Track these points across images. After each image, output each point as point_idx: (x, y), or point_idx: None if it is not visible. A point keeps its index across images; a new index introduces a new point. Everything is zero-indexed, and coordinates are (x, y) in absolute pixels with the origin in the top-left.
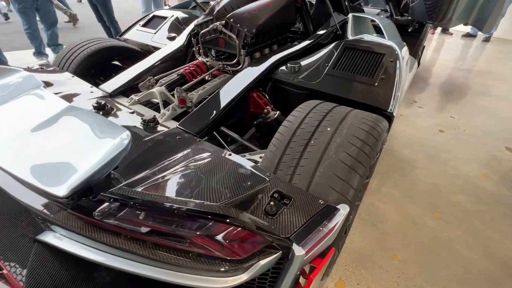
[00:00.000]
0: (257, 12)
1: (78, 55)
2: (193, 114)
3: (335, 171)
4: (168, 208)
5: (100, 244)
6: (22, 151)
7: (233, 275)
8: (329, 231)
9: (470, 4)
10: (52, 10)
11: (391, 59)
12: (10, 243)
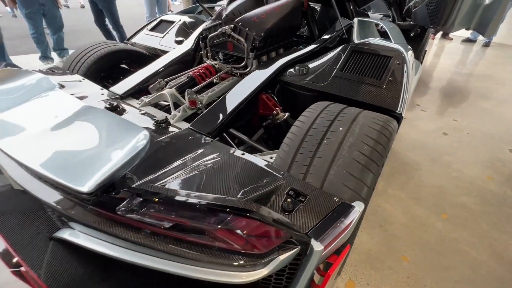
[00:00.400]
0: (265, 16)
1: (88, 58)
2: (204, 115)
3: (349, 170)
4: (190, 203)
5: (119, 240)
6: (44, 149)
7: (253, 269)
8: (346, 228)
9: (472, 9)
10: (58, 15)
11: (398, 62)
12: (28, 241)
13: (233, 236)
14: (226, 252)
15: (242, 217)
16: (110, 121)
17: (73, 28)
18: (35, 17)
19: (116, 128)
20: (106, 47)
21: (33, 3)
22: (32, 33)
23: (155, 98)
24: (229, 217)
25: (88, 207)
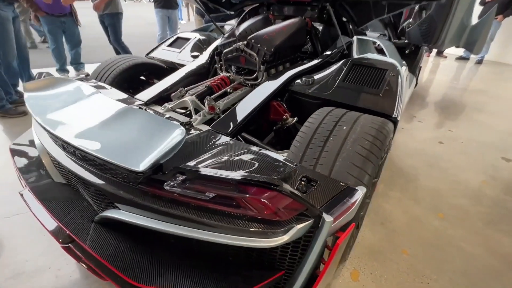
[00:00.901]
0: (275, 34)
1: (114, 69)
2: (223, 118)
3: (352, 161)
4: (225, 178)
5: (160, 216)
6: (100, 139)
7: (276, 236)
8: (351, 205)
9: (460, 29)
10: (77, 32)
11: (393, 74)
12: (73, 222)
13: (259, 204)
14: (253, 222)
15: (266, 189)
16: (152, 119)
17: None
18: (56, 34)
19: (158, 124)
20: (130, 61)
21: (54, 21)
22: (53, 48)
23: (178, 104)
24: (256, 189)
25: (137, 186)
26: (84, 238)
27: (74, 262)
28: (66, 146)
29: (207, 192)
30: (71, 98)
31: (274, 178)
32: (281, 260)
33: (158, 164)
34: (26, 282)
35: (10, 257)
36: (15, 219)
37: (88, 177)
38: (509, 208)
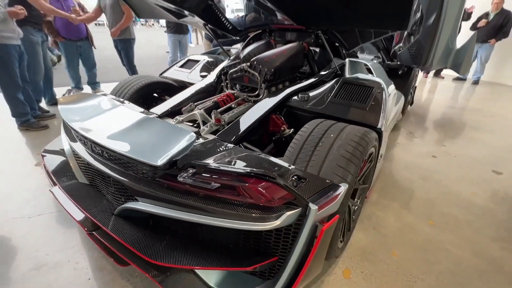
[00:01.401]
0: (275, 57)
1: (132, 87)
2: (227, 129)
3: (337, 162)
4: (229, 171)
5: (174, 205)
6: (124, 141)
7: (270, 221)
8: (334, 198)
9: (446, 52)
10: (92, 55)
11: (378, 91)
12: (97, 215)
13: (256, 192)
14: (251, 208)
15: (263, 180)
16: (167, 125)
17: (103, 65)
18: (72, 57)
19: (172, 129)
20: (145, 80)
21: (71, 45)
22: (69, 70)
23: (188, 117)
24: (254, 179)
25: (155, 180)
26: (107, 225)
27: (90, 257)
28: (94, 147)
29: (213, 182)
30: (98, 109)
31: (269, 172)
32: (275, 247)
33: (173, 160)
34: (47, 273)
35: (33, 252)
36: (37, 219)
37: (113, 174)
38: (497, 216)
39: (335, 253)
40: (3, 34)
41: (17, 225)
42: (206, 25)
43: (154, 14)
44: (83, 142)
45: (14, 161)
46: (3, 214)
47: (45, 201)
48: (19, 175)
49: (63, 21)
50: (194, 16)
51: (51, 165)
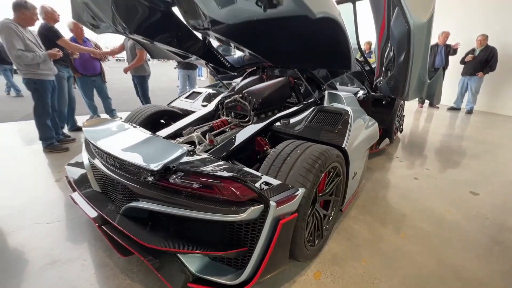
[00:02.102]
0: (263, 89)
1: (142, 115)
2: (218, 148)
3: (300, 172)
4: (209, 173)
5: (167, 203)
6: (130, 152)
7: (238, 214)
8: (292, 198)
9: (420, 84)
10: (105, 88)
11: (346, 117)
12: (107, 213)
13: (228, 190)
14: (224, 204)
15: (234, 181)
16: (166, 142)
17: (119, 96)
18: (88, 90)
19: (169, 145)
20: (154, 108)
21: (87, 80)
22: (86, 101)
23: (187, 138)
24: (228, 180)
25: (152, 181)
26: (114, 220)
27: (96, 255)
28: (109, 159)
29: (196, 182)
30: (113, 131)
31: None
32: (245, 239)
33: (167, 166)
34: (60, 268)
35: (49, 251)
36: (54, 225)
37: (121, 179)
38: (465, 230)
39: (303, 254)
40: (42, 72)
41: (37, 229)
42: (208, 64)
43: (165, 56)
44: (100, 155)
45: (37, 177)
46: (26, 220)
47: (62, 210)
48: (41, 189)
49: (81, 60)
50: (198, 57)
51: (72, 175)
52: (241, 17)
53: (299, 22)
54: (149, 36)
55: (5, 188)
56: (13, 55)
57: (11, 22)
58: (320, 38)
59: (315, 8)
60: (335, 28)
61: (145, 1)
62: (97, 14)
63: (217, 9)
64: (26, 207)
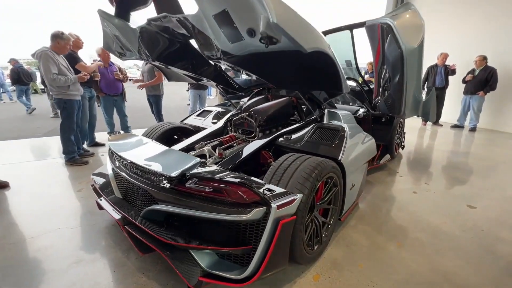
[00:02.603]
0: (267, 108)
1: (157, 131)
2: (226, 160)
3: (298, 180)
4: (219, 179)
5: (182, 206)
6: (151, 161)
7: (243, 214)
8: (291, 202)
9: (415, 103)
10: (123, 107)
11: (342, 133)
12: (131, 216)
13: (236, 193)
14: (232, 206)
15: (241, 185)
16: (182, 154)
17: (135, 114)
18: (109, 108)
19: (184, 156)
20: (168, 125)
21: (109, 99)
22: (106, 118)
23: (198, 152)
24: (235, 185)
25: (170, 187)
26: (136, 220)
27: (115, 256)
28: (131, 167)
29: (208, 187)
30: (135, 144)
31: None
32: (250, 239)
33: (183, 173)
34: (84, 266)
35: (75, 251)
36: (78, 229)
37: (142, 185)
38: (460, 241)
39: (303, 256)
40: (71, 92)
41: (63, 233)
42: (218, 85)
43: (180, 78)
44: (124, 165)
45: (61, 187)
46: (53, 225)
47: (83, 217)
48: (65, 198)
49: (106, 81)
50: (209, 80)
51: (98, 183)
52: (247, 50)
53: (295, 55)
54: (168, 63)
55: (33, 197)
56: (49, 78)
57: (48, 50)
58: (313, 66)
59: (306, 45)
60: (325, 58)
61: (166, 34)
62: (125, 44)
63: (228, 44)
64: (52, 214)
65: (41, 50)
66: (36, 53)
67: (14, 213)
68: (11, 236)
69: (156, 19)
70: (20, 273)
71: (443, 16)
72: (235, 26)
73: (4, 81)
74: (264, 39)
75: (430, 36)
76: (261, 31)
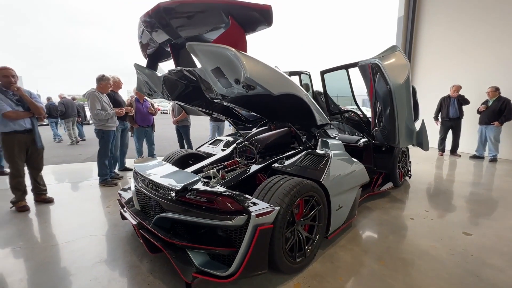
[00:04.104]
0: (267, 137)
1: (175, 156)
2: (226, 180)
3: (279, 196)
4: (213, 192)
5: (183, 213)
6: (164, 178)
7: (229, 220)
8: (269, 212)
9: (409, 134)
10: (152, 137)
11: (327, 159)
12: (145, 221)
13: (225, 203)
14: (221, 213)
15: (228, 197)
16: (187, 173)
17: (160, 143)
18: (141, 138)
19: (189, 174)
20: (184, 152)
21: (142, 130)
22: (137, 146)
23: (205, 173)
24: (224, 197)
25: (175, 198)
26: (149, 225)
27: (130, 259)
28: (149, 184)
29: (203, 198)
30: (154, 166)
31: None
32: (234, 242)
33: (185, 187)
34: (106, 265)
35: (100, 254)
36: (104, 237)
37: (156, 197)
38: (444, 264)
39: (284, 265)
40: (109, 124)
41: (91, 239)
42: (227, 118)
43: (196, 113)
44: (143, 181)
45: (93, 204)
46: (84, 233)
47: (109, 228)
48: (95, 212)
49: (141, 115)
50: (219, 114)
51: (123, 197)
52: (236, 93)
53: (269, 96)
54: (185, 101)
55: (71, 210)
56: (93, 113)
57: (95, 91)
58: (285, 105)
59: (274, 90)
60: (295, 98)
61: (183, 81)
62: (152, 87)
63: (222, 89)
64: (84, 224)
65: (89, 91)
66: (86, 93)
67: (56, 223)
68: (52, 240)
69: (174, 71)
70: (58, 267)
71: (455, 48)
72: (225, 77)
73: None
74: (244, 86)
75: (442, 67)
76: (241, 81)
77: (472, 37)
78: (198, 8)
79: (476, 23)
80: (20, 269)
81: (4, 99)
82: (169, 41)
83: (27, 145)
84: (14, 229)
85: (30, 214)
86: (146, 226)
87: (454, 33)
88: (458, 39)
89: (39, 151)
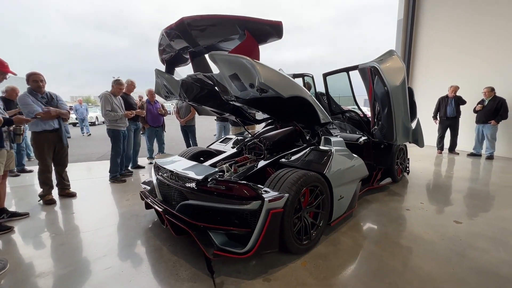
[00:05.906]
0: (274, 135)
1: (190, 153)
2: (239, 173)
3: (287, 185)
4: (231, 180)
5: (205, 200)
6: (185, 170)
7: (245, 205)
8: (279, 198)
9: (405, 130)
10: (162, 136)
11: (329, 154)
12: (169, 207)
13: (242, 190)
14: (239, 199)
15: (244, 185)
16: (206, 166)
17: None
18: (151, 138)
19: (208, 167)
20: (196, 150)
21: (153, 130)
22: (148, 145)
23: (219, 168)
24: (241, 185)
25: (197, 187)
26: (173, 210)
27: (154, 243)
28: (171, 175)
29: (222, 186)
30: (174, 160)
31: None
32: (250, 224)
33: (207, 177)
34: (128, 250)
35: (126, 239)
36: (127, 226)
37: (178, 187)
38: (435, 246)
39: (293, 246)
40: (118, 124)
41: (117, 227)
42: (237, 118)
43: (208, 113)
44: (165, 173)
45: (113, 197)
46: (110, 222)
47: (131, 218)
48: (117, 205)
49: (152, 116)
50: (230, 114)
51: (146, 188)
52: (250, 96)
53: (280, 98)
54: (200, 103)
55: (94, 203)
56: (103, 113)
57: (107, 93)
58: (293, 106)
59: (284, 93)
60: (302, 100)
61: (198, 84)
62: (170, 90)
63: (238, 91)
64: (108, 215)
65: (103, 93)
66: (100, 95)
67: (82, 214)
68: (82, 228)
69: (192, 75)
70: (91, 250)
71: (453, 50)
72: (241, 82)
73: (85, 116)
74: (258, 90)
75: (441, 68)
76: (256, 86)
77: (469, 40)
78: (216, 22)
79: (473, 27)
80: (58, 252)
81: (35, 101)
82: (187, 48)
83: (54, 143)
84: (45, 220)
85: (56, 207)
86: (171, 211)
87: (452, 36)
88: (456, 42)
89: (64, 148)
